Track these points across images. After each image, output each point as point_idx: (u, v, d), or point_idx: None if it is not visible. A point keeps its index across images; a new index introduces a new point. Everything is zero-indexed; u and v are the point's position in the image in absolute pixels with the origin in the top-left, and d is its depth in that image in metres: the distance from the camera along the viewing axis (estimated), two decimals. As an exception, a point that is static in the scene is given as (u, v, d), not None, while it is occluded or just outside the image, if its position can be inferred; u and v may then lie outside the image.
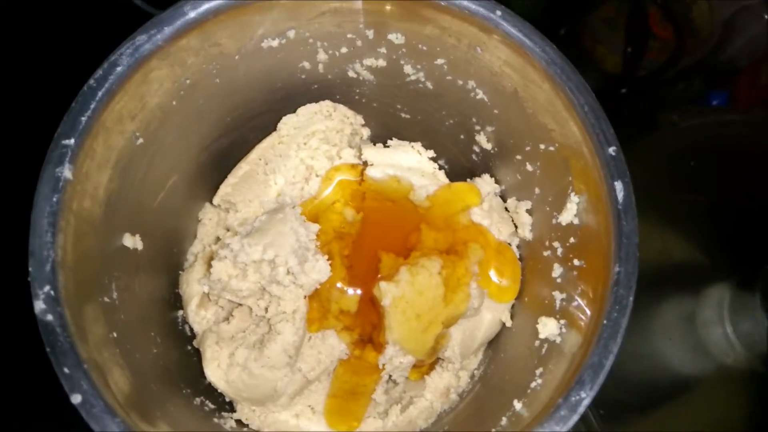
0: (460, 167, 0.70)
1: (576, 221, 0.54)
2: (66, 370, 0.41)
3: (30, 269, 0.42)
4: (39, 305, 0.42)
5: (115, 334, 0.48)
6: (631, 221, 0.48)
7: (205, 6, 0.51)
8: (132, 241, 0.55)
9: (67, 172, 0.45)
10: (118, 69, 0.48)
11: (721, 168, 0.94)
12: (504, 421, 0.49)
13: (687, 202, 0.92)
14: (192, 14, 0.50)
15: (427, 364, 0.66)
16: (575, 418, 0.43)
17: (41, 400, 0.73)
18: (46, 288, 0.42)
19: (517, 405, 0.49)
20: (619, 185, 0.48)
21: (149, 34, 0.49)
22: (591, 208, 0.52)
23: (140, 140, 0.53)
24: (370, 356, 0.61)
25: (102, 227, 0.50)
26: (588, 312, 0.49)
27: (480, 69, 0.58)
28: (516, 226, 0.65)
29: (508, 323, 0.63)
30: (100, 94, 0.47)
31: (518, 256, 0.65)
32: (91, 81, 0.47)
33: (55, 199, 0.44)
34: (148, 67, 0.50)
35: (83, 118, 0.46)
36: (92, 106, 0.47)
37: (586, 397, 0.43)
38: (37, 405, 0.74)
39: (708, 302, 0.84)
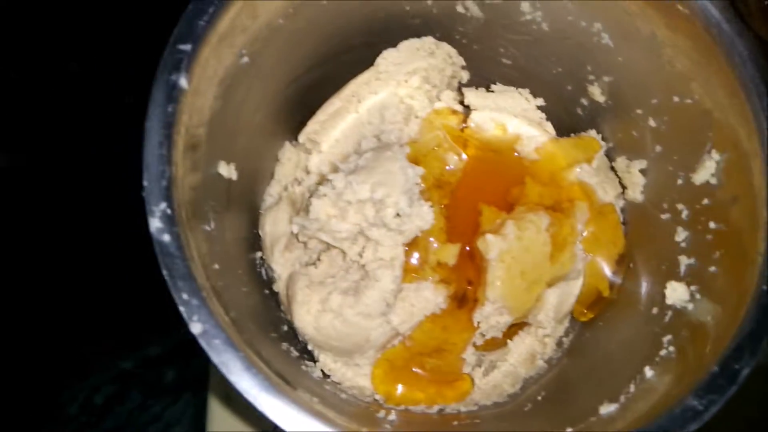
0: (559, 122, 0.65)
1: (714, 181, 0.50)
2: (185, 296, 0.37)
3: (144, 183, 0.38)
4: (155, 223, 0.37)
5: (217, 266, 0.44)
6: (796, 179, 0.43)
7: None
8: (227, 170, 0.51)
9: (182, 80, 0.40)
10: (237, -27, 0.43)
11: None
12: (632, 387, 0.45)
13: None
14: None
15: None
16: (734, 388, 0.39)
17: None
18: (162, 205, 0.38)
19: (648, 372, 0.46)
20: (781, 140, 0.44)
21: (271, -62, 0.44)
22: (738, 166, 0.47)
23: (245, 59, 0.49)
24: (465, 313, 0.57)
25: (205, 148, 0.46)
26: (731, 278, 0.45)
27: (612, 8, 0.53)
28: (624, 187, 0.60)
29: (605, 292, 0.59)
30: (217, -2, 0.42)
31: (622, 220, 0.61)
32: (209, -17, 0.42)
33: (170, 109, 0.40)
34: (266, -25, 0.45)
35: (201, 23, 0.42)
36: (210, 10, 0.42)
37: (745, 367, 0.39)
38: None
39: None
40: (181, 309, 0.37)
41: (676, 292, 0.49)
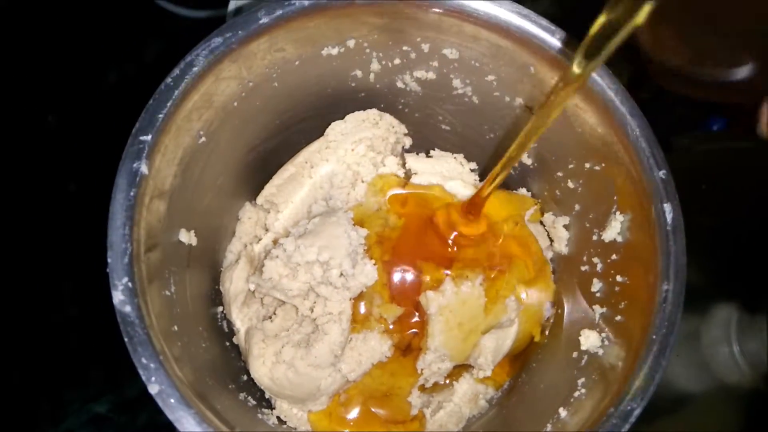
0: (495, 181, 0.72)
1: (619, 239, 0.56)
2: (144, 360, 0.42)
3: (108, 261, 0.43)
4: (118, 296, 0.43)
5: (176, 328, 0.50)
6: (680, 241, 0.50)
7: (278, 12, 0.52)
8: (187, 237, 0.56)
9: (143, 167, 0.46)
10: (194, 69, 0.49)
11: (732, 192, 0.97)
12: (549, 426, 0.51)
13: (696, 224, 0.95)
14: (265, 20, 0.52)
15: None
16: (627, 427, 0.45)
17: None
18: (125, 279, 0.43)
19: (563, 412, 0.51)
20: (668, 207, 0.51)
21: (225, 37, 0.50)
22: (637, 227, 0.54)
23: (203, 139, 0.55)
24: (409, 360, 0.62)
25: (165, 222, 0.51)
26: (633, 327, 0.52)
27: (530, 88, 0.60)
28: (551, 240, 0.67)
29: (537, 337, 0.66)
30: (176, 93, 0.48)
31: (552, 269, 0.67)
32: (169, 80, 0.49)
33: (132, 193, 0.45)
34: (220, 69, 0.51)
35: (160, 116, 0.48)
36: (168, 104, 0.48)
37: (636, 408, 0.45)
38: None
39: (715, 321, 0.86)
40: (141, 372, 0.42)
41: (590, 339, 0.55)
